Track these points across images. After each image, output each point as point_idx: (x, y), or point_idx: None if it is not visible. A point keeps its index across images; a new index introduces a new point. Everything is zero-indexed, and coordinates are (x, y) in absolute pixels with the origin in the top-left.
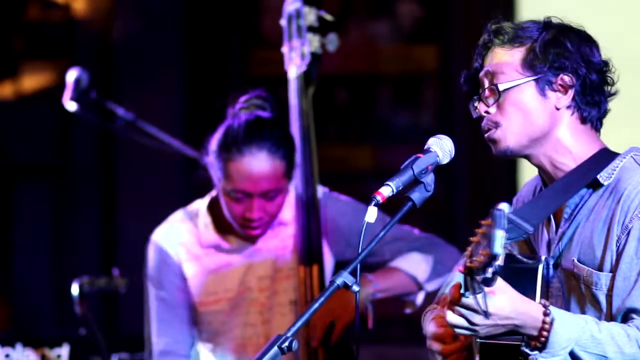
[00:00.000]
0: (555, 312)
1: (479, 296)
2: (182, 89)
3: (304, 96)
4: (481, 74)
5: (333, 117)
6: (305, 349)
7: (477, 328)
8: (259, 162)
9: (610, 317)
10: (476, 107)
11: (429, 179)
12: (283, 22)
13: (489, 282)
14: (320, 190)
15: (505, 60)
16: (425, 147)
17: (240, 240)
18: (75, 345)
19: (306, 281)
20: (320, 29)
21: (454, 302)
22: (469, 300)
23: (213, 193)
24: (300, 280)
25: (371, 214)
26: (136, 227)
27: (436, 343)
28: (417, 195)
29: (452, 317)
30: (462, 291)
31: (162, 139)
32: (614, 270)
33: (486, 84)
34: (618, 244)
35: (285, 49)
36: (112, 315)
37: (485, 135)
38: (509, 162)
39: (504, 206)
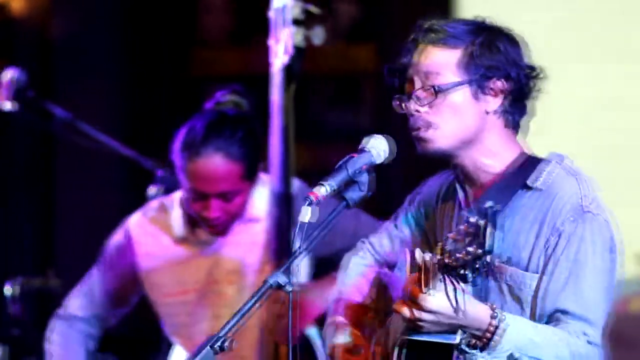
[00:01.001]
0: (502, 315)
1: (452, 292)
2: (121, 89)
3: (285, 91)
4: (411, 71)
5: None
6: (267, 345)
7: (424, 324)
8: (215, 164)
9: (534, 318)
10: (402, 104)
11: (364, 178)
12: (271, 14)
13: (467, 279)
14: (297, 184)
15: (441, 61)
16: (360, 146)
17: (210, 234)
18: (12, 346)
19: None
20: (306, 22)
21: (413, 298)
22: (434, 297)
23: None
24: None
25: (305, 214)
26: (73, 227)
27: (340, 354)
28: (351, 195)
29: (406, 312)
30: (424, 288)
31: (100, 139)
32: (541, 271)
33: (418, 82)
34: (547, 246)
35: (271, 42)
36: (47, 316)
37: (414, 133)
38: (446, 162)
39: (496, 205)
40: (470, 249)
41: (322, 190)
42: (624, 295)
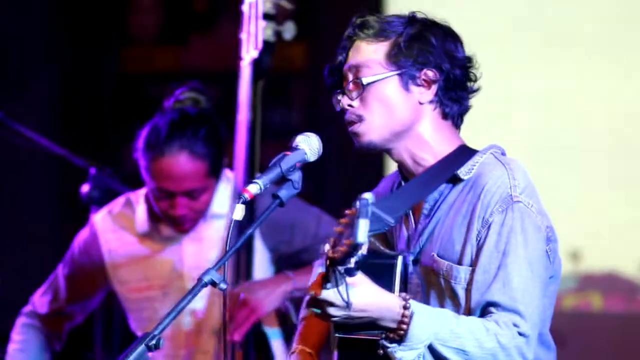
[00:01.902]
0: (415, 305)
1: (341, 287)
2: (54, 88)
3: (254, 86)
4: (345, 67)
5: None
6: (221, 342)
7: (335, 319)
8: (180, 163)
9: (469, 312)
10: (339, 100)
11: (297, 176)
12: (244, 7)
13: (351, 272)
14: None
15: (370, 54)
16: (293, 144)
17: (174, 230)
18: None
19: (232, 272)
20: (277, 17)
21: (315, 294)
22: (329, 292)
23: None
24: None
25: (238, 211)
26: (3, 227)
27: None
28: (284, 193)
29: (315, 309)
30: (324, 283)
31: (32, 137)
32: (473, 264)
33: (350, 77)
34: (478, 238)
35: (243, 36)
36: None
37: (349, 128)
38: (377, 159)
39: (368, 196)
40: (346, 241)
41: (255, 188)
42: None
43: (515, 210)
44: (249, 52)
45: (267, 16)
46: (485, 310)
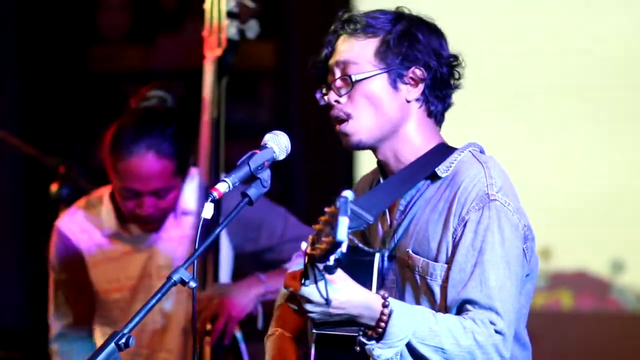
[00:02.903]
0: (394, 304)
1: (320, 284)
2: (20, 87)
3: (218, 84)
4: (332, 61)
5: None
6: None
7: (313, 315)
8: (147, 162)
9: (445, 309)
10: (325, 95)
11: (266, 174)
12: (206, 5)
13: (331, 269)
14: None
15: (358, 51)
16: (262, 143)
17: (141, 229)
18: None
19: (199, 270)
20: (241, 15)
21: (293, 291)
22: (308, 288)
23: None
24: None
25: (207, 210)
26: None
27: None
28: (253, 191)
29: (293, 305)
30: (302, 280)
31: (1, 137)
32: (449, 261)
33: (338, 73)
34: (454, 236)
35: (205, 34)
36: None
37: (337, 127)
38: (346, 157)
39: (347, 193)
40: (325, 239)
41: (224, 186)
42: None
43: (491, 208)
44: (212, 51)
45: (230, 14)
46: (461, 307)
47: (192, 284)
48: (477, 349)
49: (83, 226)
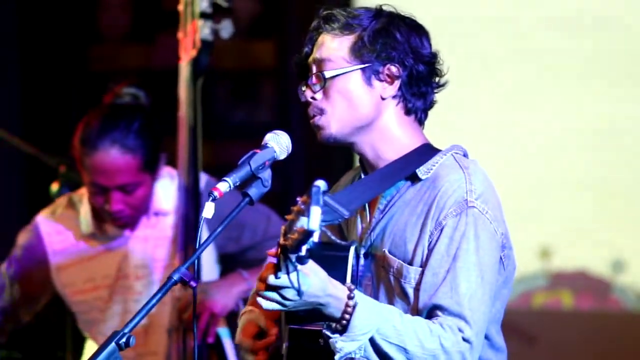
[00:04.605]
0: (360, 297)
1: (292, 274)
2: (20, 86)
3: (192, 84)
4: (310, 59)
5: (171, 112)
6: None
7: (287, 303)
8: (111, 157)
9: (417, 312)
10: (303, 92)
11: (266, 174)
12: (180, 7)
13: (303, 260)
14: (204, 179)
15: (334, 48)
16: (263, 142)
17: (118, 229)
18: None
19: None
20: (214, 15)
21: (268, 280)
22: (280, 279)
23: None
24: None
25: (208, 209)
26: None
27: (246, 340)
28: (254, 191)
29: (262, 297)
30: (275, 271)
31: (1, 136)
32: (424, 265)
33: (314, 70)
34: (430, 240)
35: (180, 35)
36: None
37: (311, 121)
38: (346, 157)
39: (320, 183)
40: (298, 228)
41: (225, 186)
42: (527, 290)
43: (469, 215)
44: (187, 52)
45: (203, 15)
46: (431, 312)
47: (193, 284)
48: (441, 354)
49: (59, 226)
